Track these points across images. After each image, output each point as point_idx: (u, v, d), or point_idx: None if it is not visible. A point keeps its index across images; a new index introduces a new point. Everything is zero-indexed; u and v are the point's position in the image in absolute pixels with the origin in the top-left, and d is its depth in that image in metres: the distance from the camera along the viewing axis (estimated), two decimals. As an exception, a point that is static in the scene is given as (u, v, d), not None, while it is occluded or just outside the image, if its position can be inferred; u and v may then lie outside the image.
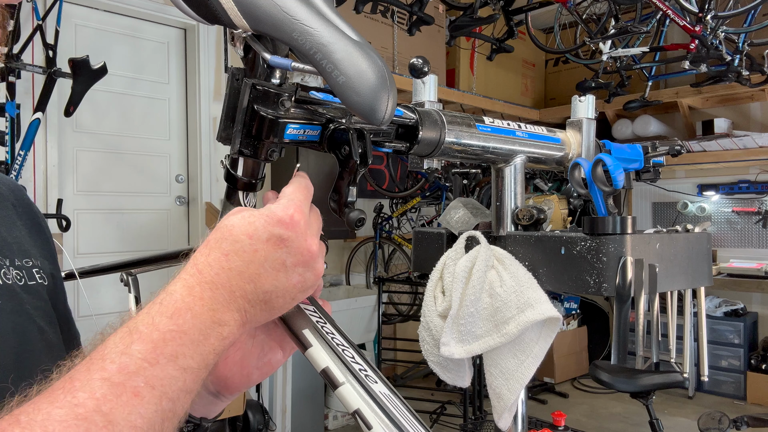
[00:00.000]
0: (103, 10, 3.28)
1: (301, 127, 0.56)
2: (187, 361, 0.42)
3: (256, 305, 0.47)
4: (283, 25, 0.48)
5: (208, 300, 0.45)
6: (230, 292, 0.46)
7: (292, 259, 0.48)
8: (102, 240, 3.34)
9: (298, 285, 0.49)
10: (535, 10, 3.38)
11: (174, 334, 0.42)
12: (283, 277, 0.47)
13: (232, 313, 0.46)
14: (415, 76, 0.72)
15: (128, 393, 0.39)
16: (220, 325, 0.45)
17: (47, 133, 2.98)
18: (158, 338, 0.42)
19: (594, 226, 0.93)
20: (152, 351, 0.41)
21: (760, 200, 4.56)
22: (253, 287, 0.46)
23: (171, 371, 0.41)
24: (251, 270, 0.46)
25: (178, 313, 0.43)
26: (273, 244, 0.47)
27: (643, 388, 2.23)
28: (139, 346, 0.41)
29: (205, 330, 0.44)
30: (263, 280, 0.47)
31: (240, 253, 0.46)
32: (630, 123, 4.88)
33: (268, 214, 0.47)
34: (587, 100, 1.10)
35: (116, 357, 0.40)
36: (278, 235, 0.47)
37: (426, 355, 1.04)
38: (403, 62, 4.09)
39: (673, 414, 4.03)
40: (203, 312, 0.44)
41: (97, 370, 0.39)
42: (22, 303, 0.56)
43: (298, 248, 0.48)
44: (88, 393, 0.37)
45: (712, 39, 3.16)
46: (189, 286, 0.45)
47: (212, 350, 0.44)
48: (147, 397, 0.39)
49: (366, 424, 0.47)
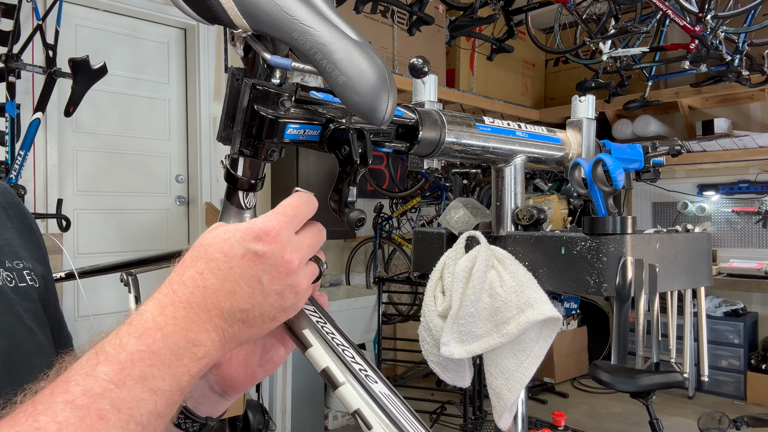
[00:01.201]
0: (103, 10, 3.28)
1: (301, 127, 0.56)
2: (157, 383, 0.41)
3: (234, 324, 0.45)
4: (283, 25, 0.48)
5: (182, 319, 0.43)
6: (205, 311, 0.44)
7: (268, 276, 0.45)
8: (102, 240, 3.34)
9: (276, 304, 0.47)
10: (535, 10, 3.38)
11: (143, 354, 0.41)
12: (260, 295, 0.45)
13: (208, 333, 0.44)
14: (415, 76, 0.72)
15: (92, 416, 0.37)
16: (195, 345, 0.43)
17: (47, 133, 2.98)
18: (125, 359, 0.40)
19: (594, 226, 0.93)
20: (118, 372, 0.39)
21: (760, 200, 4.55)
22: (229, 305, 0.45)
23: (139, 393, 0.39)
24: (226, 288, 0.45)
25: (148, 332, 0.42)
26: (248, 260, 0.45)
27: (643, 388, 2.23)
28: (105, 368, 0.39)
29: (177, 350, 0.42)
30: (239, 299, 0.45)
31: (215, 271, 0.45)
32: (630, 123, 4.88)
33: (246, 229, 0.46)
34: (587, 100, 1.10)
35: (81, 379, 0.39)
36: (253, 251, 0.45)
37: (426, 355, 1.04)
38: (403, 62, 4.09)
39: (673, 414, 4.03)
40: (176, 332, 0.43)
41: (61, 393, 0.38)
42: (12, 304, 0.56)
43: (275, 264, 0.46)
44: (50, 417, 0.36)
45: (712, 39, 3.16)
46: (161, 305, 0.44)
47: (186, 371, 0.42)
48: (112, 420, 0.38)
49: (366, 424, 0.47)
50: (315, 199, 0.52)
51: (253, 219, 0.48)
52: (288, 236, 0.47)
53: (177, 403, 0.43)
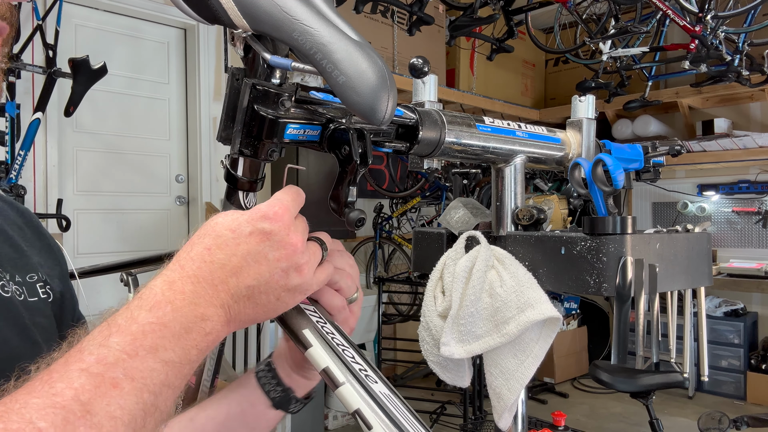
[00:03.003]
0: (103, 10, 3.28)
1: (301, 127, 0.56)
2: (168, 354, 0.41)
3: (240, 301, 0.46)
4: (283, 25, 0.48)
5: (190, 294, 0.44)
6: (212, 285, 0.45)
7: (275, 254, 0.47)
8: (102, 240, 3.34)
9: (281, 282, 0.47)
10: (535, 10, 3.38)
11: (154, 326, 0.42)
12: (266, 271, 0.46)
13: (215, 308, 0.45)
14: (415, 76, 0.72)
15: (107, 384, 0.38)
16: (203, 320, 0.44)
17: (47, 133, 2.98)
18: (137, 330, 0.41)
19: (594, 226, 0.93)
20: (131, 343, 0.40)
21: (760, 200, 4.55)
22: (236, 281, 0.46)
23: (151, 363, 0.40)
24: (234, 263, 0.46)
25: (158, 306, 0.43)
26: (256, 237, 0.46)
27: (643, 388, 2.23)
28: (117, 338, 0.40)
29: (186, 324, 0.43)
30: (246, 274, 0.46)
31: (222, 246, 0.46)
32: (630, 123, 4.88)
33: (252, 211, 0.48)
34: (587, 100, 1.10)
35: (94, 349, 0.39)
36: (261, 228, 0.47)
37: (426, 355, 1.04)
38: (403, 62, 4.09)
39: (673, 414, 4.03)
40: (184, 306, 0.43)
41: (75, 361, 0.39)
42: (19, 316, 0.56)
43: (281, 242, 0.47)
44: (66, 383, 0.37)
45: (712, 39, 3.16)
46: (170, 280, 0.45)
47: (194, 345, 0.43)
48: (127, 388, 0.38)
49: (366, 424, 0.47)
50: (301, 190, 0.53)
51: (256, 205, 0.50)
52: (291, 219, 0.49)
53: (186, 376, 0.43)
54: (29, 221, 0.67)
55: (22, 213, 0.67)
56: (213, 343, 0.45)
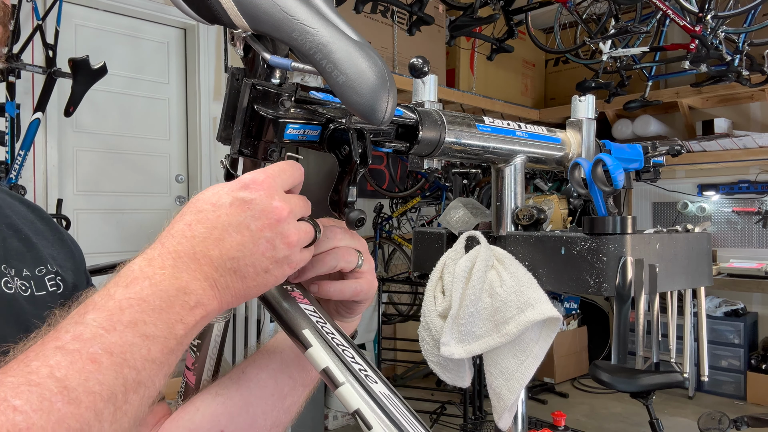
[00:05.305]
0: (103, 10, 3.28)
1: (301, 127, 0.56)
2: (149, 329, 0.40)
3: (225, 274, 0.44)
4: (283, 25, 0.48)
5: (170, 268, 0.43)
6: (194, 259, 0.44)
7: (257, 223, 0.45)
8: (102, 240, 3.34)
9: (267, 254, 0.45)
10: (535, 10, 3.38)
11: (131, 301, 0.40)
12: (249, 242, 0.45)
13: (198, 281, 0.43)
14: (415, 76, 0.72)
15: (84, 359, 0.37)
16: (185, 293, 0.42)
17: (47, 133, 2.98)
18: (114, 306, 0.40)
19: (594, 226, 0.93)
20: (108, 319, 0.39)
21: (760, 200, 4.55)
22: (218, 253, 0.44)
23: (130, 338, 0.39)
24: (215, 235, 0.44)
25: (135, 281, 0.41)
26: (236, 207, 0.45)
27: (643, 388, 2.23)
28: (93, 315, 0.39)
29: (167, 298, 0.41)
30: (228, 246, 0.44)
31: (203, 220, 0.45)
32: (630, 123, 4.88)
33: (233, 182, 0.46)
34: (587, 100, 1.10)
35: (70, 327, 0.39)
36: (241, 198, 0.45)
37: (426, 355, 1.04)
38: (403, 62, 4.09)
39: (673, 414, 4.03)
40: (164, 280, 0.42)
41: (51, 340, 0.38)
42: (22, 314, 0.55)
43: (263, 210, 0.45)
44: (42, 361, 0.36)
45: (712, 39, 3.16)
46: (149, 258, 0.43)
47: (179, 320, 0.42)
48: (105, 363, 0.37)
49: (366, 424, 0.47)
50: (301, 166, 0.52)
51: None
52: (275, 186, 0.47)
53: (174, 351, 0.42)
54: (41, 216, 0.67)
55: (34, 209, 0.67)
56: (204, 319, 0.44)
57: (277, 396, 0.64)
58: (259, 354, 0.66)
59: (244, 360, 0.66)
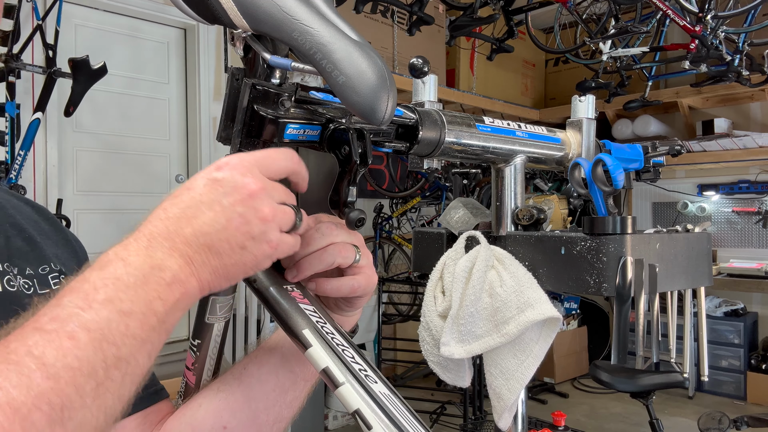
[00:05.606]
0: (103, 10, 3.28)
1: (301, 127, 0.56)
2: (125, 305, 0.40)
3: (200, 250, 0.45)
4: (283, 25, 0.48)
5: (144, 248, 0.43)
6: (168, 238, 0.44)
7: (229, 199, 0.45)
8: (102, 240, 3.31)
9: (242, 229, 0.45)
10: (535, 10, 3.38)
11: (105, 281, 0.41)
12: (222, 217, 0.45)
13: (173, 258, 0.44)
14: (415, 76, 0.72)
15: (61, 337, 0.37)
16: (160, 270, 0.43)
17: (47, 133, 2.98)
18: (89, 288, 0.41)
19: (594, 226, 0.93)
20: (83, 299, 0.40)
21: (760, 200, 4.55)
22: (191, 230, 0.45)
23: (106, 314, 0.39)
24: (188, 214, 0.45)
25: (109, 263, 0.42)
26: (209, 186, 0.46)
27: (643, 388, 2.23)
28: (69, 297, 0.40)
29: (141, 276, 0.42)
30: (200, 223, 0.45)
31: (178, 203, 0.46)
32: (630, 123, 4.88)
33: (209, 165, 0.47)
34: (587, 100, 1.10)
35: (48, 310, 0.39)
36: (213, 177, 0.46)
37: (426, 355, 1.04)
38: (403, 62, 4.09)
39: (673, 414, 4.03)
40: (138, 260, 0.43)
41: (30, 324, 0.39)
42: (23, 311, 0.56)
43: (234, 186, 0.46)
44: (20, 342, 0.37)
45: (712, 39, 3.16)
46: (125, 243, 0.44)
47: (157, 296, 0.42)
48: (83, 339, 0.38)
49: (366, 424, 0.47)
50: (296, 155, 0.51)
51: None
52: (248, 166, 0.47)
53: (155, 328, 0.42)
54: (46, 216, 0.68)
55: (39, 209, 0.68)
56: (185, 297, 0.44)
57: (279, 391, 0.64)
58: (260, 350, 0.66)
59: (245, 357, 0.67)
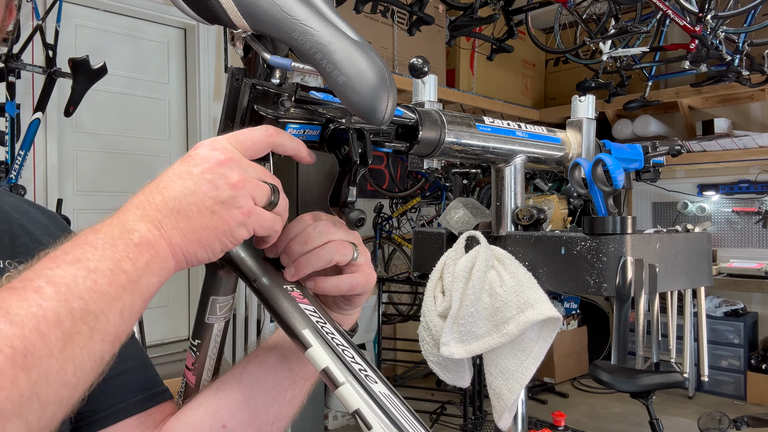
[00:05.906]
0: (103, 10, 3.28)
1: (301, 127, 0.56)
2: (92, 264, 0.41)
3: (169, 214, 0.46)
4: (283, 25, 0.48)
5: (116, 218, 0.46)
6: (140, 207, 0.46)
7: (198, 168, 0.47)
8: (102, 240, 3.33)
9: (211, 193, 0.46)
10: (535, 10, 3.38)
11: (75, 244, 0.43)
12: (191, 184, 0.47)
13: (143, 222, 0.45)
14: (415, 76, 0.72)
15: (28, 291, 0.39)
16: (129, 232, 0.44)
17: (47, 133, 2.98)
18: (59, 253, 0.42)
19: (594, 226, 0.93)
20: (52, 261, 0.41)
21: (760, 200, 4.55)
22: (162, 197, 0.46)
23: (73, 271, 0.41)
24: (161, 185, 0.47)
25: (81, 234, 0.44)
26: (181, 162, 0.48)
27: (643, 388, 2.23)
28: (40, 262, 0.42)
29: (110, 239, 0.44)
30: (171, 190, 0.47)
31: (154, 182, 0.48)
32: (630, 123, 4.88)
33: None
34: (587, 100, 1.10)
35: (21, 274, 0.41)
36: (187, 154, 0.49)
37: (426, 355, 1.04)
38: (403, 62, 4.09)
39: (673, 414, 4.03)
40: (110, 228, 0.44)
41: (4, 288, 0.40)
42: None
43: (204, 157, 0.48)
44: None
45: (712, 39, 3.16)
46: (100, 220, 0.46)
47: (125, 256, 0.43)
48: (48, 291, 0.39)
49: (366, 424, 0.47)
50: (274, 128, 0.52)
51: None
52: (222, 141, 0.49)
53: (125, 287, 0.43)
54: (56, 222, 0.69)
55: (49, 215, 0.69)
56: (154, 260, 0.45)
57: (278, 390, 0.65)
58: (260, 350, 0.67)
59: (245, 357, 0.67)
